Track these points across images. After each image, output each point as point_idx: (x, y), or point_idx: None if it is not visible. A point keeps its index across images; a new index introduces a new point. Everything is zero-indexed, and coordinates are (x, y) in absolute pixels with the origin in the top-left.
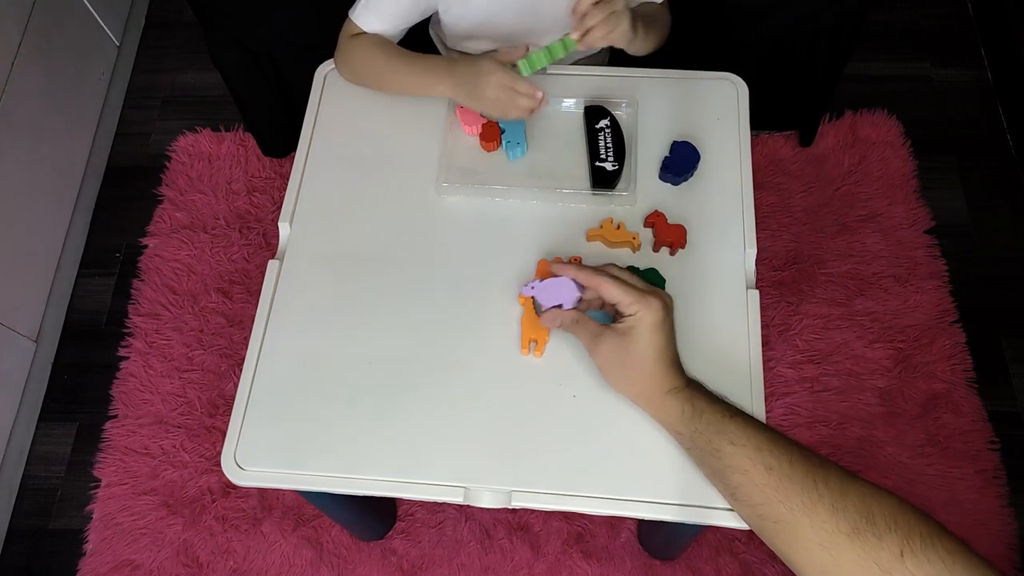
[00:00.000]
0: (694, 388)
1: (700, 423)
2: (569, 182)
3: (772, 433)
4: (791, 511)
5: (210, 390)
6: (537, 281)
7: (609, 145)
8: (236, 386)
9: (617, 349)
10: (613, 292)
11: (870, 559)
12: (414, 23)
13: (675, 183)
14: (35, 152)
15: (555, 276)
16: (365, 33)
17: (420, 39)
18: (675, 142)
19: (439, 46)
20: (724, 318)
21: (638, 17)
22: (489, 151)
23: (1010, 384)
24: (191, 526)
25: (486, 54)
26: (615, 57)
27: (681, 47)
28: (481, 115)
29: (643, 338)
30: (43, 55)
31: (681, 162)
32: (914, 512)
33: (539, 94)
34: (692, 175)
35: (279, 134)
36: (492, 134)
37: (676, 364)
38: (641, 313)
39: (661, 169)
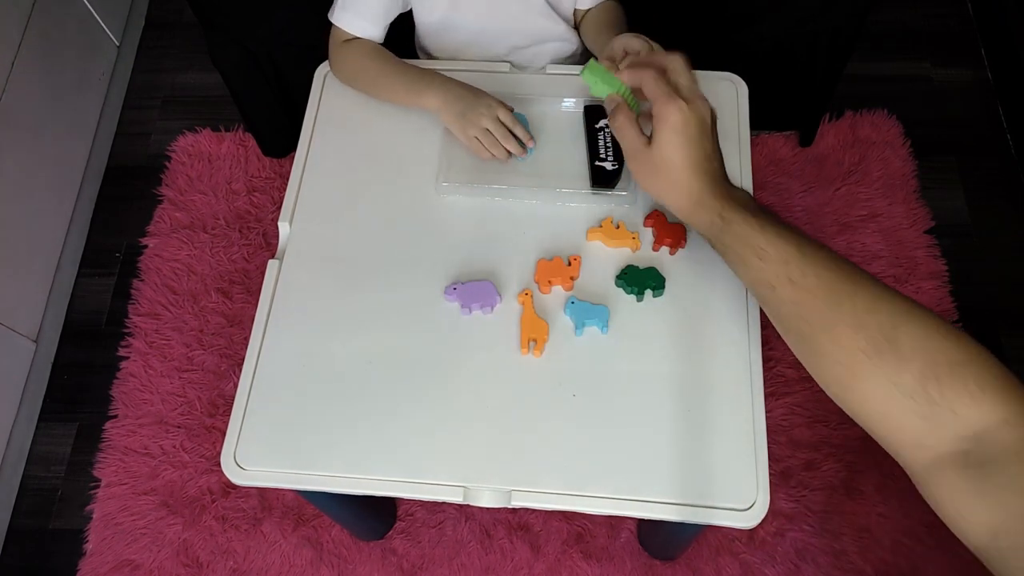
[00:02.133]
0: (731, 198)
1: (728, 236)
2: (569, 182)
3: (806, 245)
4: (811, 327)
5: (210, 390)
6: (459, 283)
7: (609, 144)
8: (236, 386)
9: (646, 158)
10: (648, 87)
11: (890, 381)
12: (392, 17)
13: None
14: (35, 152)
15: (478, 281)
16: (356, 39)
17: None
18: None
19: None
20: (724, 318)
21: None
22: None
23: None
24: (191, 526)
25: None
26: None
27: (681, 47)
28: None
29: (665, 140)
30: (43, 55)
31: None
32: (948, 337)
33: (531, 144)
34: None
35: (279, 134)
36: None
37: (712, 175)
38: (663, 113)
39: None
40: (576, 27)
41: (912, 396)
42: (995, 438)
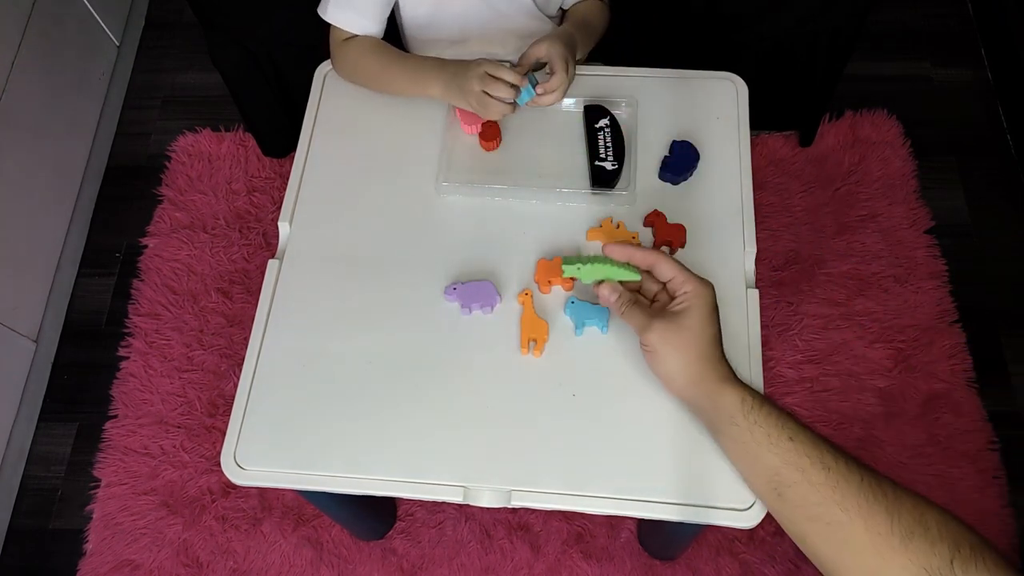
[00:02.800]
0: (743, 382)
1: (760, 414)
2: (569, 182)
3: (824, 437)
4: (846, 512)
5: (210, 390)
6: (459, 283)
7: (609, 145)
8: (236, 386)
9: (673, 331)
10: (669, 268)
11: (920, 565)
12: (388, 10)
13: (675, 182)
14: (35, 152)
15: (478, 281)
16: (356, 36)
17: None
18: (675, 142)
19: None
20: (724, 318)
21: (576, 42)
22: (489, 151)
23: (1010, 384)
24: (191, 526)
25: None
26: (615, 57)
27: (681, 47)
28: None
29: (702, 317)
30: (43, 55)
31: (681, 162)
32: (961, 523)
33: (523, 84)
34: (692, 175)
35: (279, 134)
36: (492, 133)
37: (724, 357)
38: (699, 291)
39: (661, 168)
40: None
41: None
42: None
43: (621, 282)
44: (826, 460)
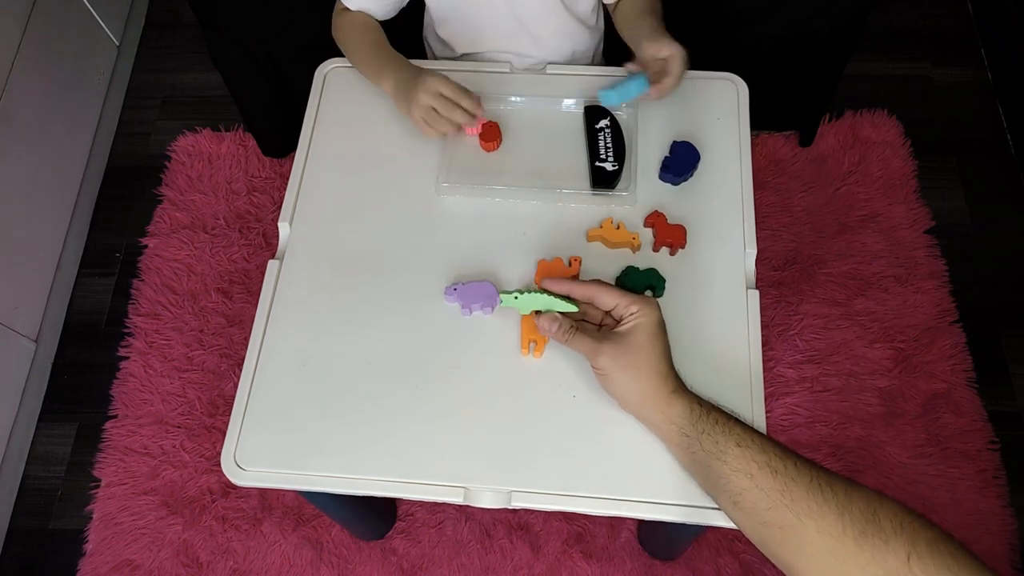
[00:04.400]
0: (694, 394)
1: (708, 423)
2: (569, 182)
3: (773, 439)
4: (797, 515)
5: (210, 390)
6: (460, 284)
7: (609, 145)
8: (236, 386)
9: (621, 351)
10: (610, 296)
11: (877, 564)
12: (402, 2)
13: (675, 183)
14: (35, 152)
15: (478, 282)
16: (349, 10)
17: (413, 48)
18: (675, 142)
19: (429, 55)
20: (724, 318)
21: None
22: (489, 151)
23: (1010, 384)
24: (191, 526)
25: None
26: (616, 57)
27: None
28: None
29: (648, 335)
30: (43, 55)
31: (681, 162)
32: (917, 517)
33: (480, 113)
34: (692, 175)
35: (279, 134)
36: (492, 134)
37: (675, 370)
38: (644, 310)
39: (661, 169)
40: (590, 22)
41: None
42: None
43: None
44: (774, 464)
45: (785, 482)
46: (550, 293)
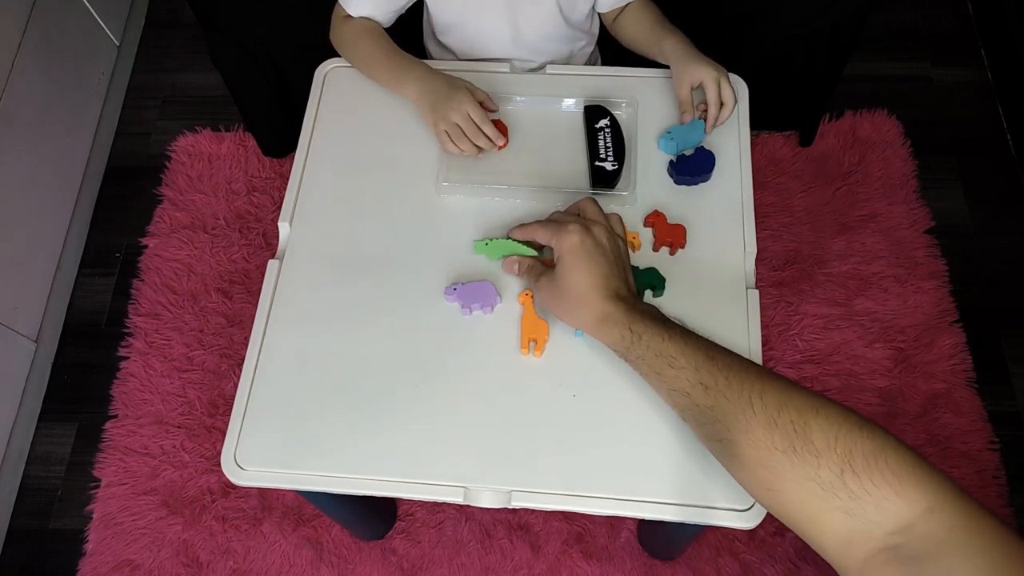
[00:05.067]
0: (637, 312)
1: (640, 348)
2: (569, 182)
3: (712, 350)
4: (729, 430)
5: (210, 390)
6: (460, 284)
7: (609, 145)
8: (236, 386)
9: (551, 282)
10: (539, 233)
11: (809, 478)
12: (401, 8)
13: (690, 183)
14: (35, 152)
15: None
16: (352, 17)
17: (411, 53)
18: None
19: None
20: (724, 318)
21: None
22: (496, 150)
23: (1010, 384)
24: (191, 526)
25: (465, 83)
26: (615, 57)
27: None
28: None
29: (568, 265)
30: (43, 55)
31: (695, 164)
32: (859, 426)
33: (501, 143)
34: (707, 179)
35: (279, 134)
36: (499, 134)
37: (614, 292)
38: (558, 241)
39: (674, 168)
40: (585, 28)
41: (834, 491)
42: (923, 530)
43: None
44: (704, 379)
45: (716, 397)
46: (515, 241)
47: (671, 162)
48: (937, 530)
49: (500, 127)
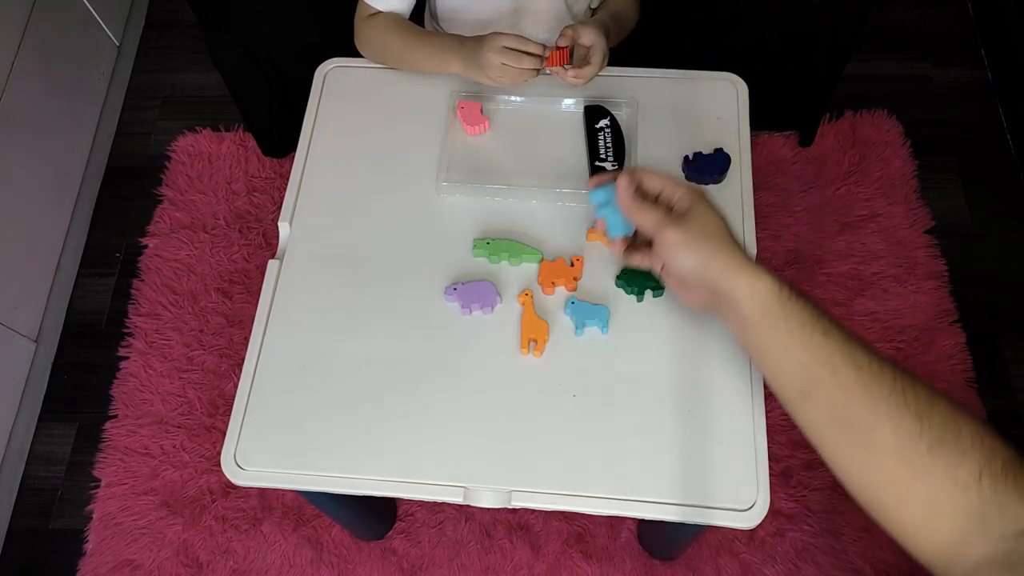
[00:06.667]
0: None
1: (796, 305)
2: (569, 182)
3: (857, 335)
4: (875, 414)
5: (210, 390)
6: (460, 284)
7: (609, 145)
8: (236, 386)
9: (690, 222)
10: (657, 179)
11: (946, 475)
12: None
13: (704, 183)
14: (35, 152)
15: (478, 281)
16: (380, 13)
17: None
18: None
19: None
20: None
21: (609, 26)
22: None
23: (1010, 384)
24: (191, 526)
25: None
26: (616, 57)
27: (681, 47)
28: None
29: (710, 208)
30: (43, 55)
31: (713, 163)
32: (998, 437)
33: (544, 52)
34: (721, 179)
35: (279, 134)
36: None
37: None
38: (693, 189)
39: (688, 166)
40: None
41: (965, 490)
42: None
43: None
44: (859, 359)
45: (868, 380)
46: (517, 243)
47: (686, 158)
48: None
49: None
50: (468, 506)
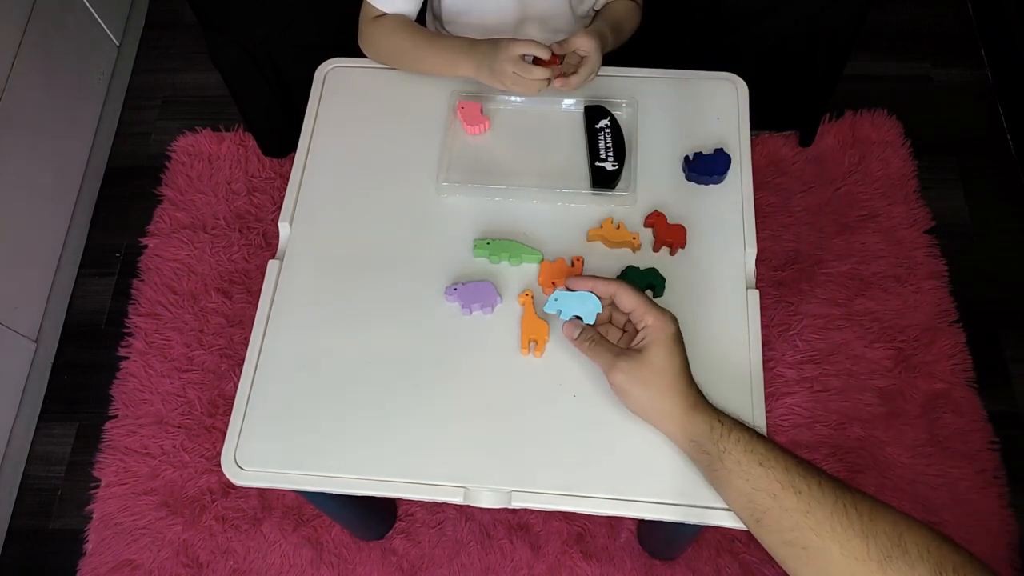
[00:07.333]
0: (717, 408)
1: (729, 442)
2: (569, 182)
3: (797, 456)
4: (821, 537)
5: (210, 390)
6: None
7: (609, 145)
8: (236, 386)
9: (637, 366)
10: (629, 300)
11: None
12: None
13: (705, 183)
14: (35, 152)
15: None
16: (385, 15)
17: None
18: (717, 149)
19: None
20: (724, 318)
21: (608, 43)
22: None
23: (1010, 384)
24: (191, 526)
25: (507, 38)
26: (616, 57)
27: (681, 47)
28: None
29: (664, 350)
30: (43, 55)
31: (713, 163)
32: (945, 541)
33: (556, 65)
34: (721, 180)
35: (279, 134)
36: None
37: (694, 382)
38: (659, 324)
39: (688, 166)
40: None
41: None
42: None
43: (582, 319)
44: (797, 484)
45: (809, 503)
46: (518, 243)
47: (686, 158)
48: None
49: (554, 60)
50: (468, 506)
